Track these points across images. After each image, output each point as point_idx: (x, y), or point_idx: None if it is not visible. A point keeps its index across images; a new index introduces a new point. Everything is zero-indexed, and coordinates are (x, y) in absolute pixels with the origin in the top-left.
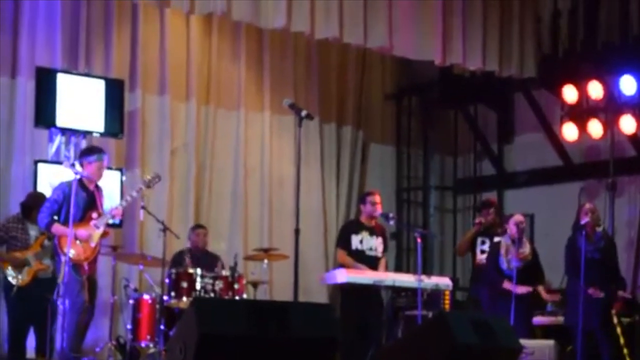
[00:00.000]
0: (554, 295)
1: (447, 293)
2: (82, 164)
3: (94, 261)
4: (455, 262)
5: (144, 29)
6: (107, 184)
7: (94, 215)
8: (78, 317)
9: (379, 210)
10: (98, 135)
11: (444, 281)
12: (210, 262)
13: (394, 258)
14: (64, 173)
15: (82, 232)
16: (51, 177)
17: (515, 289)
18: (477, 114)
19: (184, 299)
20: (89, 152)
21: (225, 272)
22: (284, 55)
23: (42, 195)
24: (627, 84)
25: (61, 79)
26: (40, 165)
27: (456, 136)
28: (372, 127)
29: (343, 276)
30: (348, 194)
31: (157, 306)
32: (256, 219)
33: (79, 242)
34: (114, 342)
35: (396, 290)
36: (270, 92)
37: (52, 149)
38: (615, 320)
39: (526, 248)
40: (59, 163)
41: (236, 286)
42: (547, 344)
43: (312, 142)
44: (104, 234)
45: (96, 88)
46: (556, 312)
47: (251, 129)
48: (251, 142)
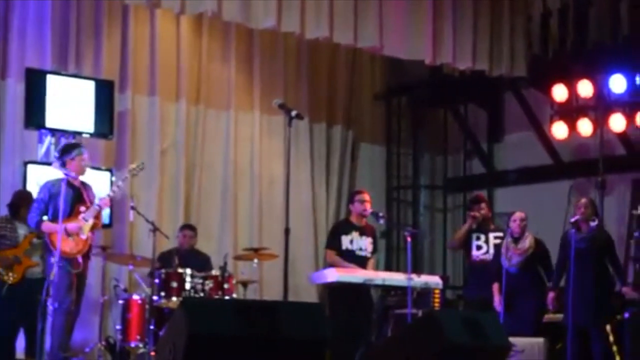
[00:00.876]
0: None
1: (437, 292)
2: (64, 162)
3: (87, 255)
4: (446, 260)
5: (134, 29)
6: (97, 184)
7: (82, 208)
8: (65, 317)
9: (368, 209)
10: (88, 135)
11: (434, 280)
12: (199, 262)
13: (383, 257)
14: (54, 174)
15: (71, 225)
16: (41, 178)
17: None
18: (467, 113)
19: (174, 299)
20: (69, 149)
21: (215, 271)
22: (274, 56)
23: (28, 193)
24: (617, 83)
25: (51, 80)
26: (30, 167)
27: (446, 135)
28: (362, 127)
29: (333, 275)
30: (338, 194)
31: (147, 306)
32: (246, 218)
33: (70, 237)
34: (103, 342)
35: (386, 289)
36: (260, 93)
37: (42, 150)
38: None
39: (526, 242)
40: (49, 164)
41: (226, 286)
42: (536, 341)
43: (302, 142)
44: (94, 226)
45: (86, 89)
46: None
47: (241, 129)
48: (241, 142)
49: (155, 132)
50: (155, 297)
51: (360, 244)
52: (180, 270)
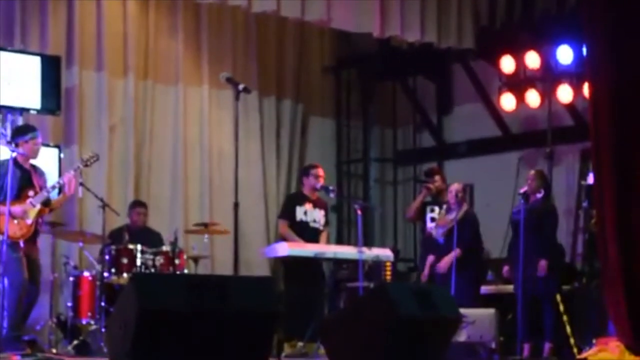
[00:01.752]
0: None
1: (389, 264)
2: (17, 143)
3: (32, 240)
4: (397, 233)
5: (81, 4)
6: (45, 161)
7: (30, 193)
8: (18, 295)
9: (321, 183)
10: (35, 112)
11: (385, 253)
12: (150, 239)
13: (335, 230)
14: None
15: (16, 209)
16: None
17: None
18: (416, 86)
19: (124, 275)
20: (24, 131)
21: (166, 247)
22: (221, 30)
23: None
24: (564, 54)
25: None
26: None
27: (395, 108)
28: (311, 100)
29: (284, 249)
30: (288, 168)
31: (97, 283)
32: (196, 194)
33: (14, 220)
34: (54, 319)
35: (338, 263)
36: (208, 67)
37: None
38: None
39: (452, 215)
40: None
41: (177, 261)
42: (487, 312)
43: (251, 116)
44: (41, 212)
45: (32, 65)
46: (496, 281)
47: (190, 103)
48: (190, 117)
49: (103, 108)
50: (105, 274)
51: (314, 215)
52: (131, 247)
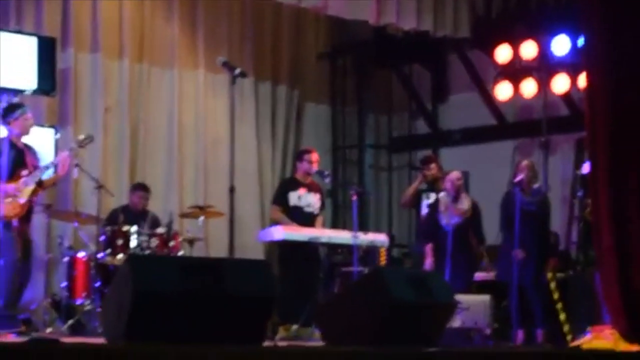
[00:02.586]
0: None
1: (383, 250)
2: (9, 122)
3: (26, 219)
4: (392, 219)
5: None
6: (40, 142)
7: (24, 172)
8: (12, 274)
9: (315, 168)
10: (30, 92)
11: (380, 238)
12: (147, 221)
13: (330, 216)
14: None
15: (9, 187)
16: None
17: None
18: (411, 74)
19: (119, 256)
20: (12, 109)
21: (161, 229)
22: (218, 13)
23: None
24: (560, 44)
25: None
26: None
27: (391, 95)
28: (307, 86)
29: (279, 233)
30: (283, 153)
31: (92, 264)
32: (191, 177)
33: (8, 199)
34: (49, 299)
35: (332, 247)
36: (204, 51)
37: None
38: (549, 276)
39: (464, 204)
40: None
41: (172, 243)
42: (482, 299)
43: (246, 101)
44: (34, 191)
45: (28, 45)
46: (490, 267)
47: (185, 87)
48: (185, 101)
49: (98, 90)
50: (100, 255)
51: (308, 200)
52: (126, 228)
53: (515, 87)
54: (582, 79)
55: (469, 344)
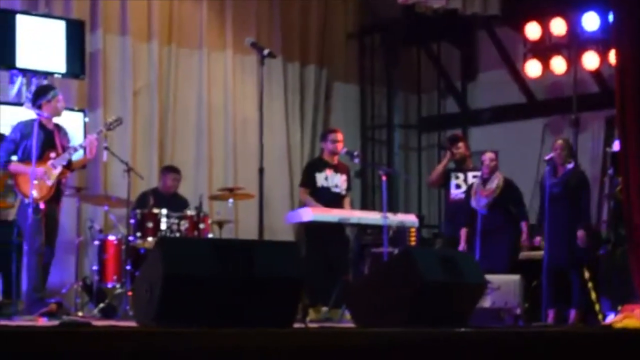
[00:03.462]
0: None
1: (413, 230)
2: (41, 105)
3: (54, 200)
4: (421, 199)
5: None
6: (70, 124)
7: (52, 154)
8: (36, 257)
9: (340, 147)
10: (60, 76)
11: (410, 218)
12: (176, 204)
13: (359, 196)
14: (26, 114)
15: (38, 169)
16: (12, 118)
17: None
18: (440, 52)
19: (149, 239)
20: (43, 91)
21: (191, 211)
22: None
23: (2, 134)
24: (590, 20)
25: (21, 20)
26: (2, 107)
27: (420, 74)
28: (335, 66)
29: (308, 215)
30: (312, 133)
31: (123, 247)
32: (220, 158)
33: (35, 181)
34: (80, 283)
35: (362, 228)
36: (232, 31)
37: (14, 90)
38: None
39: (493, 183)
40: (20, 104)
41: (202, 226)
42: (512, 278)
43: (275, 81)
44: (62, 173)
45: (57, 29)
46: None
47: (214, 68)
48: (214, 82)
49: (127, 73)
50: (131, 238)
51: (335, 180)
52: (156, 211)
53: (545, 64)
54: (612, 56)
55: (500, 323)
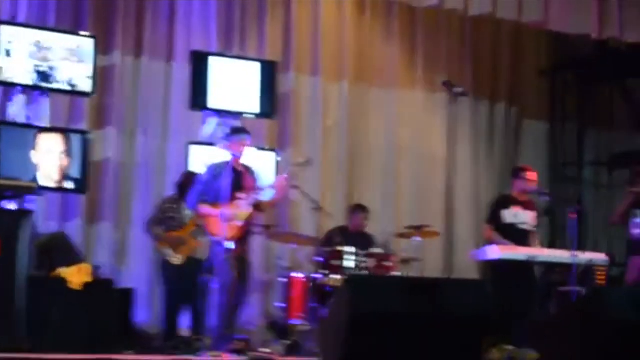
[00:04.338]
0: None
1: (602, 269)
2: (229, 146)
3: (244, 241)
4: (611, 237)
5: (298, 10)
6: (262, 164)
7: (242, 195)
8: (228, 295)
9: (532, 186)
10: (252, 116)
11: (600, 257)
12: (363, 242)
13: (547, 235)
14: (217, 154)
15: (226, 211)
16: (204, 158)
17: None
18: (635, 88)
19: (336, 276)
20: (234, 132)
21: (378, 249)
22: (436, 33)
23: (196, 175)
24: None
25: (214, 61)
26: (193, 147)
27: (612, 110)
28: (526, 104)
29: (496, 252)
30: (501, 172)
31: (309, 284)
32: (408, 197)
33: (224, 223)
34: (266, 320)
35: (549, 267)
36: (422, 70)
37: (207, 130)
38: None
39: None
40: (212, 145)
41: (388, 264)
42: None
43: (463, 119)
44: (252, 214)
45: (250, 70)
46: None
47: (403, 107)
48: (403, 121)
49: (318, 112)
50: (317, 275)
51: (523, 217)
52: (343, 249)
53: None
54: None
55: None
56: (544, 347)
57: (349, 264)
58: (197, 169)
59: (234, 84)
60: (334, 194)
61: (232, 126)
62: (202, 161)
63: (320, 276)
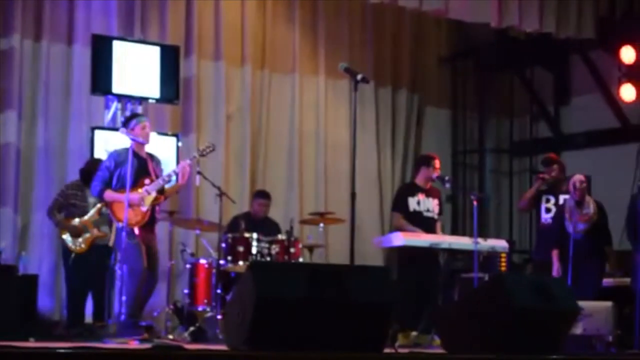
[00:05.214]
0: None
1: (504, 255)
2: (132, 130)
3: (149, 227)
4: (512, 225)
5: None
6: (163, 150)
7: (147, 181)
8: (137, 282)
9: (437, 174)
10: (154, 101)
11: (501, 244)
12: (267, 228)
13: (450, 221)
14: (120, 139)
15: (132, 196)
16: (107, 143)
17: None
18: (533, 76)
19: (240, 263)
20: (129, 118)
21: (282, 236)
22: (338, 19)
23: (101, 162)
24: None
25: (117, 46)
26: (97, 132)
27: (512, 98)
28: (427, 91)
29: (399, 239)
30: (403, 158)
31: (214, 270)
32: (312, 183)
33: (130, 208)
34: (171, 306)
35: (452, 253)
36: (324, 56)
37: (108, 115)
38: None
39: (590, 209)
40: (115, 129)
41: (292, 250)
42: (605, 305)
43: (367, 106)
44: (156, 199)
45: (151, 54)
46: (613, 273)
47: (306, 93)
48: (306, 107)
49: (220, 97)
50: (222, 261)
51: (427, 205)
52: (247, 235)
53: None
54: None
55: (591, 351)
56: (447, 332)
57: (253, 250)
58: (100, 156)
59: (135, 68)
60: (237, 179)
61: (132, 113)
62: (106, 146)
63: (225, 262)
